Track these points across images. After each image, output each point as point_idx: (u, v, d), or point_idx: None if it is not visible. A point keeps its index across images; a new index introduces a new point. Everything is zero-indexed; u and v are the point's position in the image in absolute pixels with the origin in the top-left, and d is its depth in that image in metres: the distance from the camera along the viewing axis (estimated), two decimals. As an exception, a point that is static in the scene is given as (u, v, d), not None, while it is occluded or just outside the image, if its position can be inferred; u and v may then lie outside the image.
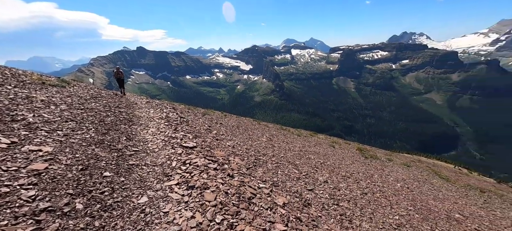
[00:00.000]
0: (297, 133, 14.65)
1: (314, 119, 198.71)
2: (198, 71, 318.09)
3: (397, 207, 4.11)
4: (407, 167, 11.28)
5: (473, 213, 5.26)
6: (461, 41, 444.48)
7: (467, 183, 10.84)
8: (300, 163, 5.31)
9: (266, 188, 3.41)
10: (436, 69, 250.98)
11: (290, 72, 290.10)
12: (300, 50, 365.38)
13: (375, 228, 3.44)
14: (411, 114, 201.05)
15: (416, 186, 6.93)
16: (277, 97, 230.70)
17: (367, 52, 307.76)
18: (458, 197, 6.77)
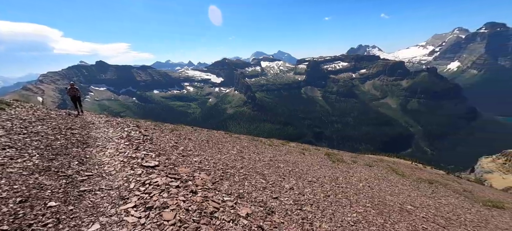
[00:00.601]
0: (269, 143, 14.85)
1: (287, 128, 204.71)
2: (167, 85, 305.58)
3: (356, 205, 4.45)
4: (369, 167, 12.21)
5: (422, 203, 5.95)
6: (406, 52, 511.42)
7: (419, 176, 12.15)
8: (268, 173, 5.42)
9: (231, 201, 3.40)
10: (389, 77, 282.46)
11: (261, 83, 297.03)
12: (269, 62, 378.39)
13: (334, 227, 3.55)
14: (372, 118, 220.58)
15: (376, 184, 7.56)
16: (249, 108, 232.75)
17: (330, 63, 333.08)
18: (411, 190, 7.57)
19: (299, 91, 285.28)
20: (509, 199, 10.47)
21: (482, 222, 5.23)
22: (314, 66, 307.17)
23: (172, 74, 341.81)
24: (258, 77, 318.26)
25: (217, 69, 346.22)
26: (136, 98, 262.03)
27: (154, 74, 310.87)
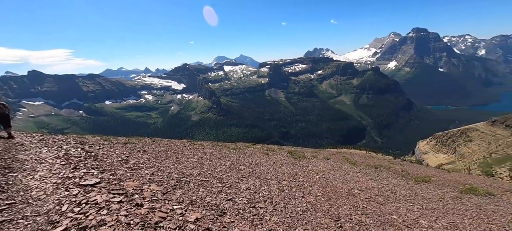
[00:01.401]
0: (233, 147, 14.82)
1: (254, 131, 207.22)
2: (121, 94, 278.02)
3: (308, 196, 4.79)
4: (327, 160, 13.18)
5: (368, 186, 6.72)
6: (354, 54, 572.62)
7: (368, 163, 13.64)
8: (227, 176, 5.42)
9: (181, 208, 3.35)
10: (342, 76, 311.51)
11: (225, 88, 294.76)
12: (232, 67, 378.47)
13: (284, 218, 3.67)
14: (331, 114, 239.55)
15: (331, 174, 8.22)
16: (215, 113, 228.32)
17: (290, 65, 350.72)
18: (360, 176, 8.47)
19: (263, 93, 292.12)
20: (435, 174, 12.61)
21: (412, 195, 6.21)
22: (275, 69, 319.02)
23: (126, 82, 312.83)
24: (222, 82, 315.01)
25: (178, 75, 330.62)
26: (83, 111, 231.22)
27: (104, 83, 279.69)
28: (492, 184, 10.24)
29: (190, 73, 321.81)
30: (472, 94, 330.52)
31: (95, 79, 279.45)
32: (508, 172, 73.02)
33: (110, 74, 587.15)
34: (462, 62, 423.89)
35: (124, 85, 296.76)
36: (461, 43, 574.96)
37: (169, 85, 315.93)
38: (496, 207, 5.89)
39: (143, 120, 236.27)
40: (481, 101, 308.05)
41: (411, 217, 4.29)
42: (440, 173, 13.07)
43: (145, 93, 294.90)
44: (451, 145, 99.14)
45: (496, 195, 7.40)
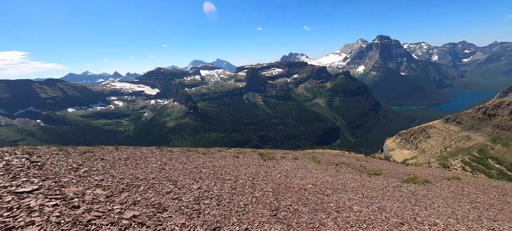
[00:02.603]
0: (204, 152, 14.72)
1: (233, 135, 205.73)
2: (87, 101, 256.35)
3: (257, 192, 5.08)
4: (295, 160, 13.76)
5: (323, 181, 7.27)
6: (326, 58, 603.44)
7: (333, 161, 14.52)
8: (183, 178, 5.48)
9: (120, 208, 3.39)
10: (316, 80, 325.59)
11: (202, 92, 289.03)
12: (209, 71, 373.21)
13: (223, 211, 3.86)
14: (307, 116, 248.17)
15: (294, 173, 8.67)
16: (192, 119, 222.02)
17: (267, 69, 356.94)
18: (320, 173, 9.07)
19: (241, 97, 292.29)
20: (388, 167, 13.96)
21: (360, 186, 6.89)
22: (253, 73, 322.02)
23: (93, 87, 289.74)
24: (198, 86, 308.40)
25: (151, 79, 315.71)
26: (41, 120, 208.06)
27: (67, 89, 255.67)
28: (433, 173, 11.71)
29: (165, 78, 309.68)
30: (428, 95, 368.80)
31: (55, 85, 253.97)
32: (460, 163, 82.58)
33: (74, 79, 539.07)
34: (419, 66, 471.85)
35: (90, 90, 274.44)
36: (418, 49, 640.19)
37: (142, 90, 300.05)
38: (427, 192, 6.82)
39: (113, 128, 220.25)
40: (436, 101, 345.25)
41: (347, 204, 4.83)
42: (393, 166, 14.48)
43: (115, 99, 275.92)
44: (413, 142, 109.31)
45: (432, 182, 8.52)
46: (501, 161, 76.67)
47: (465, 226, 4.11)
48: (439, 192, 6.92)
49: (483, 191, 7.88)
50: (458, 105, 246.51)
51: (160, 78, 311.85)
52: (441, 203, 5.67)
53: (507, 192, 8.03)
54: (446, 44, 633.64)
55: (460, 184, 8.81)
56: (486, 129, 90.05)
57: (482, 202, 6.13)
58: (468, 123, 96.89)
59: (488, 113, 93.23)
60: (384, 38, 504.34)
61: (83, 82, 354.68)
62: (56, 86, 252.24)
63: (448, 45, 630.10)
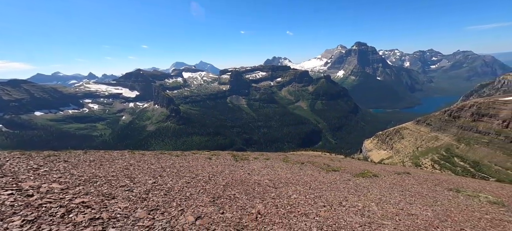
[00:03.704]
0: (177, 154, 14.86)
1: (216, 138, 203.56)
2: (57, 104, 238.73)
3: (208, 185, 5.54)
4: (266, 160, 14.37)
5: (281, 177, 7.90)
6: (308, 63, 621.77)
7: (299, 160, 15.35)
8: (141, 176, 5.76)
9: (71, 196, 3.69)
10: (299, 84, 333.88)
11: (185, 95, 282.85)
12: (192, 73, 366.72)
13: (167, 199, 4.21)
14: (291, 119, 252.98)
15: (258, 172, 9.19)
16: (174, 122, 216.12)
17: (250, 73, 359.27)
18: (283, 171, 9.71)
19: (225, 100, 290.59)
20: (349, 165, 15.12)
21: (312, 180, 7.63)
22: (236, 76, 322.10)
23: (64, 89, 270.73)
24: (181, 89, 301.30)
25: (130, 81, 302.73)
26: (3, 124, 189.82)
27: (34, 91, 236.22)
28: (388, 169, 12.98)
29: (145, 80, 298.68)
30: (401, 98, 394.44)
31: (20, 86, 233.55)
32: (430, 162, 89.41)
33: (42, 80, 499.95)
34: (393, 72, 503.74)
35: (61, 92, 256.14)
36: (392, 56, 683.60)
37: (119, 92, 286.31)
38: (370, 184, 7.74)
39: (87, 133, 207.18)
40: (408, 104, 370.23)
41: (288, 194, 5.46)
42: (356, 164, 15.70)
43: (89, 101, 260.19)
44: (389, 142, 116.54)
45: (380, 176, 9.57)
46: (465, 159, 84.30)
47: (378, 207, 4.91)
48: (381, 184, 7.87)
49: (420, 182, 9.05)
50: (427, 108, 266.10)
51: (140, 80, 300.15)
52: (376, 191, 6.55)
53: (440, 183, 9.30)
54: (417, 52, 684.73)
55: (405, 178, 9.98)
56: (451, 130, 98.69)
57: (411, 191, 7.14)
58: (436, 125, 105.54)
59: (453, 115, 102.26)
60: (361, 45, 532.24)
61: (53, 84, 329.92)
62: (21, 87, 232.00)
63: (418, 52, 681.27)
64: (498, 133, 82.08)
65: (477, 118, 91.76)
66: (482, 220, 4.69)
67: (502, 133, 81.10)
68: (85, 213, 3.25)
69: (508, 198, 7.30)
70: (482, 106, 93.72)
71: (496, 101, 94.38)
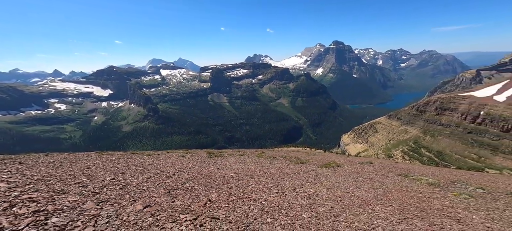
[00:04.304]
0: (148, 154, 14.57)
1: (198, 137, 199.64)
2: (17, 104, 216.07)
3: (169, 179, 5.66)
4: (241, 156, 14.63)
5: (248, 171, 8.21)
6: (289, 60, 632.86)
7: (276, 155, 15.87)
8: (101, 173, 5.70)
9: (18, 193, 3.65)
10: (280, 81, 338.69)
11: (163, 93, 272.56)
12: (170, 70, 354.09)
13: (122, 192, 4.35)
14: (272, 116, 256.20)
15: (228, 166, 9.40)
16: (152, 122, 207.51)
17: (232, 70, 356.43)
18: (253, 165, 10.04)
19: (206, 98, 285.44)
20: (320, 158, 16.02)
21: (278, 172, 8.08)
22: (217, 73, 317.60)
23: (25, 88, 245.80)
24: (159, 87, 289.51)
25: (102, 79, 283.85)
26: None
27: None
28: (352, 160, 14.04)
29: (119, 77, 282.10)
30: (375, 95, 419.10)
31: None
32: (400, 153, 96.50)
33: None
34: (368, 70, 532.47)
35: (22, 91, 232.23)
36: (366, 54, 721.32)
37: (90, 91, 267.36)
38: (330, 173, 8.41)
39: (54, 135, 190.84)
40: (382, 100, 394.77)
41: (247, 184, 5.77)
42: (324, 157, 16.66)
43: (55, 101, 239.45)
44: (364, 136, 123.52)
45: (343, 166, 10.38)
46: (430, 149, 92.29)
47: (328, 192, 5.46)
48: (340, 173, 8.58)
49: (377, 170, 9.98)
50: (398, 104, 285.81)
51: (113, 77, 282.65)
52: (333, 179, 7.16)
53: (394, 170, 10.34)
54: (388, 51, 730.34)
55: (365, 167, 10.90)
56: (419, 123, 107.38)
57: (365, 177, 7.92)
58: (406, 119, 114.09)
59: (420, 110, 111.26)
60: (339, 44, 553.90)
61: (12, 82, 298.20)
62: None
63: (389, 51, 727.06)
64: (458, 125, 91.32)
65: (440, 112, 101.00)
66: (413, 198, 5.44)
67: (461, 125, 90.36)
68: (30, 206, 3.24)
69: (445, 180, 8.40)
70: (444, 101, 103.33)
71: (456, 97, 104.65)
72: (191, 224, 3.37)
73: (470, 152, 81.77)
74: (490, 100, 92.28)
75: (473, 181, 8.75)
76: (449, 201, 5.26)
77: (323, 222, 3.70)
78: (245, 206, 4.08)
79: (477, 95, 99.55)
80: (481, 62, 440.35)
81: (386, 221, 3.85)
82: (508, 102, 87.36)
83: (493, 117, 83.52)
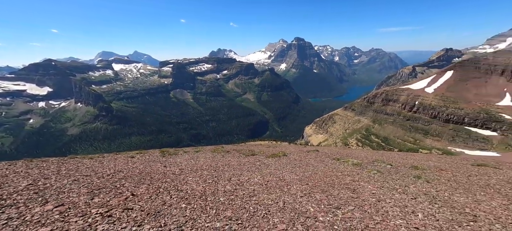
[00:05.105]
0: (90, 158, 13.38)
1: (161, 137, 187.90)
2: None
3: (100, 180, 5.58)
4: (196, 152, 14.52)
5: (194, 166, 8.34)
6: (253, 56, 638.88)
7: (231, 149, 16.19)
8: (19, 180, 5.31)
9: None
10: (245, 76, 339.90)
11: (118, 90, 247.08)
12: (124, 65, 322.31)
13: (26, 199, 4.23)
14: (239, 111, 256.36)
15: (178, 164, 9.27)
16: (105, 122, 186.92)
17: (195, 65, 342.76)
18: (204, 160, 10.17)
19: (168, 95, 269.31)
20: (270, 150, 17.03)
21: (225, 164, 8.46)
22: (179, 68, 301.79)
23: None
24: (111, 83, 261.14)
25: (37, 74, 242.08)
26: None
27: None
28: (301, 149, 15.37)
29: (60, 72, 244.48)
30: (333, 88, 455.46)
31: None
32: (355, 140, 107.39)
33: None
34: (326, 65, 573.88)
35: None
36: (325, 51, 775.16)
37: (22, 89, 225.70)
38: (274, 162, 9.15)
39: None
40: (338, 93, 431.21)
41: (185, 178, 5.99)
42: (277, 148, 17.80)
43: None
44: (324, 127, 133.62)
45: (288, 155, 11.35)
46: (378, 136, 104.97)
47: (260, 177, 6.07)
48: (283, 161, 9.40)
49: (319, 156, 11.19)
50: (352, 96, 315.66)
51: (52, 73, 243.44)
52: (273, 167, 7.85)
53: (332, 155, 11.75)
54: (343, 48, 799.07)
55: (310, 154, 12.07)
56: (369, 113, 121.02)
57: (303, 163, 8.88)
58: (359, 110, 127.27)
59: (369, 101, 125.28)
60: (300, 40, 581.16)
61: None
62: None
63: (344, 48, 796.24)
64: (399, 114, 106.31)
65: (386, 103, 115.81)
66: (332, 177, 6.40)
67: (401, 114, 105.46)
68: None
69: (368, 160, 9.96)
70: (388, 93, 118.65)
71: (397, 89, 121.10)
72: (100, 216, 3.38)
73: (408, 136, 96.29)
74: (422, 92, 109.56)
75: (391, 160, 10.57)
76: (359, 177, 6.37)
77: (235, 202, 4.08)
78: (166, 197, 4.24)
79: (413, 88, 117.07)
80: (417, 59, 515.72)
81: (292, 197, 4.48)
82: (435, 93, 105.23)
83: (425, 106, 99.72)
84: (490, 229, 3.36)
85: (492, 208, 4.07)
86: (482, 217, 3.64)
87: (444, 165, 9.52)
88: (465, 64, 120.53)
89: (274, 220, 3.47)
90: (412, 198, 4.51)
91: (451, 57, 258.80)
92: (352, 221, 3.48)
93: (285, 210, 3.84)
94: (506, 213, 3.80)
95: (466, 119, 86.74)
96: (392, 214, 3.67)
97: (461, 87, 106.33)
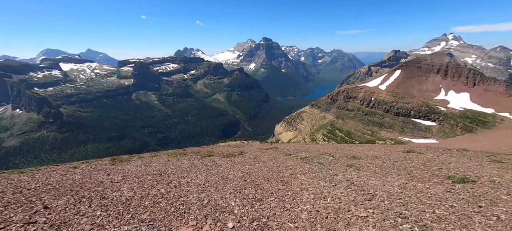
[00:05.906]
0: (20, 172, 11.73)
1: (123, 143, 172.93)
2: None
3: (19, 195, 5.07)
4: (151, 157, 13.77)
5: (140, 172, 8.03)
6: (222, 55, 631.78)
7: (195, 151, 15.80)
8: None
9: None
10: (214, 76, 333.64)
11: (67, 93, 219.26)
12: (75, 64, 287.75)
13: None
14: (209, 112, 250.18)
15: (123, 171, 8.72)
16: (54, 130, 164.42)
17: (159, 64, 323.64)
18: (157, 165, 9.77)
19: (129, 97, 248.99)
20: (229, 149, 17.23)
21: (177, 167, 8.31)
22: (142, 68, 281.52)
23: None
24: (60, 86, 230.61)
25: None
26: None
27: None
28: (261, 147, 15.88)
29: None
30: (300, 87, 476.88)
31: None
32: (321, 136, 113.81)
33: None
34: (293, 65, 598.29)
35: None
36: (291, 51, 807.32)
37: None
38: (228, 161, 9.30)
39: None
40: (305, 91, 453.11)
41: (123, 185, 5.84)
42: (237, 147, 18.08)
43: None
44: (293, 124, 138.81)
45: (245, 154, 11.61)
46: (341, 130, 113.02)
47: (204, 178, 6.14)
48: (237, 160, 9.60)
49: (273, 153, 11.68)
50: (318, 94, 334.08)
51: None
52: (223, 167, 7.94)
53: (286, 151, 12.41)
54: (309, 48, 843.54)
55: (267, 152, 12.52)
56: (333, 110, 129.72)
57: (255, 160, 9.24)
58: (324, 107, 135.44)
59: (333, 98, 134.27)
60: (268, 40, 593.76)
61: None
62: None
63: (309, 49, 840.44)
64: (358, 109, 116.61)
65: (347, 100, 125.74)
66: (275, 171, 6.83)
67: (360, 109, 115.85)
68: None
69: (317, 153, 10.79)
70: (349, 91, 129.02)
71: (356, 87, 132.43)
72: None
73: (367, 129, 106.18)
74: (377, 89, 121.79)
75: (339, 152, 11.61)
76: (299, 170, 6.91)
77: (160, 204, 4.11)
78: (84, 206, 4.05)
79: (369, 86, 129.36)
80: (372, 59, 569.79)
81: (220, 194, 4.68)
82: (387, 90, 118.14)
83: (379, 101, 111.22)
84: (378, 205, 3.84)
85: (392, 188, 4.84)
86: (378, 195, 4.32)
87: (380, 154, 10.83)
88: (409, 64, 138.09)
89: (189, 218, 3.57)
90: (333, 185, 5.10)
91: (399, 58, 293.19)
92: (263, 211, 3.72)
93: (206, 207, 3.95)
94: (399, 191, 4.58)
95: (412, 112, 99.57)
96: (305, 201, 4.07)
97: (407, 84, 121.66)
